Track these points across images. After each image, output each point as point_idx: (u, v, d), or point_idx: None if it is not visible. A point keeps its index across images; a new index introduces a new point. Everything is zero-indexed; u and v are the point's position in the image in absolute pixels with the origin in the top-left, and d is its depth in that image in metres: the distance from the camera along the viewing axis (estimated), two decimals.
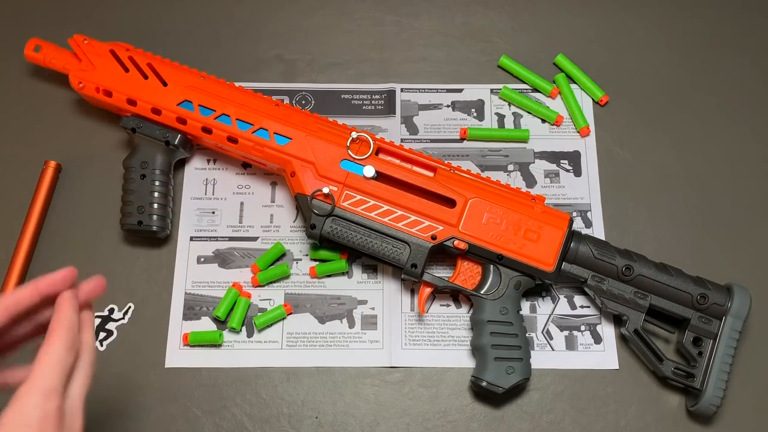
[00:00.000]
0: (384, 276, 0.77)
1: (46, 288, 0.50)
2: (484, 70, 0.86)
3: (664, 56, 0.87)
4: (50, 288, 0.50)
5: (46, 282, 0.50)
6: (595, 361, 0.74)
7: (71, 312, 0.49)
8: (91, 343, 0.51)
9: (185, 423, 0.71)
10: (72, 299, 0.50)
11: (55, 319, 0.48)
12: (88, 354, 0.50)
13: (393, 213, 0.72)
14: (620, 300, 0.72)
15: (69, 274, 0.51)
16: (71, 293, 0.50)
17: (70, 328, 0.48)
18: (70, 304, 0.49)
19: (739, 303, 0.71)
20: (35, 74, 0.85)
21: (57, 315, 0.49)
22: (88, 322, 0.52)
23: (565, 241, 0.72)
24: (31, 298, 0.49)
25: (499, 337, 0.71)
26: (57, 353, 0.47)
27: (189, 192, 0.80)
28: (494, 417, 0.72)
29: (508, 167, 0.82)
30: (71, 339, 0.48)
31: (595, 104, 0.85)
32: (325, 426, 0.72)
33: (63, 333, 0.48)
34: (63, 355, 0.47)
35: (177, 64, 0.77)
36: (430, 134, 0.83)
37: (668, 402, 0.73)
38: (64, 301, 0.50)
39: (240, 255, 0.78)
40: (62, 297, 0.50)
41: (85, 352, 0.50)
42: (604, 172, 0.82)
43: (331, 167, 0.73)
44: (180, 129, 0.76)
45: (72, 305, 0.49)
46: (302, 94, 0.85)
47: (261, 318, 0.74)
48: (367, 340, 0.75)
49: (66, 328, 0.48)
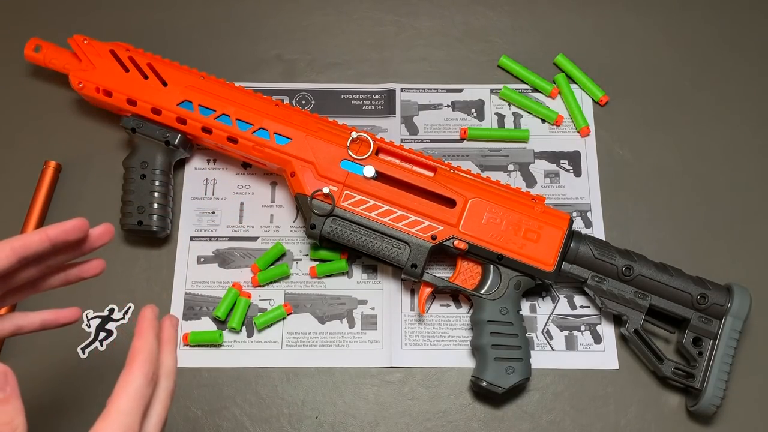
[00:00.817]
0: (384, 276, 0.77)
1: (57, 235, 0.49)
2: (484, 70, 0.86)
3: (664, 56, 0.87)
4: (60, 235, 0.49)
5: (56, 229, 0.49)
6: (595, 361, 0.74)
7: (152, 339, 0.45)
8: (170, 369, 0.46)
9: (185, 423, 0.71)
10: (153, 321, 0.46)
11: (135, 347, 0.44)
12: (167, 382, 0.45)
13: (393, 213, 0.72)
14: (620, 300, 0.72)
15: (79, 224, 0.50)
16: (152, 313, 0.47)
17: (152, 356, 0.44)
18: (151, 325, 0.45)
19: (739, 303, 0.71)
20: (35, 74, 0.85)
21: (137, 342, 0.44)
22: (168, 343, 0.47)
23: (565, 241, 0.72)
24: (41, 243, 0.48)
25: (499, 337, 0.71)
26: (137, 386, 0.42)
27: (189, 192, 0.80)
28: (494, 417, 0.72)
29: (508, 167, 0.82)
30: (152, 369, 0.43)
31: (595, 104, 0.85)
32: (325, 426, 0.72)
33: (143, 363, 0.43)
34: (143, 388, 0.42)
35: (177, 64, 0.77)
36: (430, 134, 0.83)
37: (668, 402, 0.73)
38: (144, 324, 0.45)
39: (240, 255, 0.78)
40: (143, 319, 0.46)
41: (164, 379, 0.45)
42: (604, 172, 0.82)
43: (331, 167, 0.73)
44: (180, 129, 0.76)
45: (152, 330, 0.45)
46: (302, 94, 0.85)
47: (261, 318, 0.74)
48: (367, 340, 0.75)
49: (147, 358, 0.43)
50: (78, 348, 0.74)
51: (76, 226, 0.50)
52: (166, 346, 0.47)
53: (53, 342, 0.74)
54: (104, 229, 0.53)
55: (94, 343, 0.74)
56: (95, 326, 0.74)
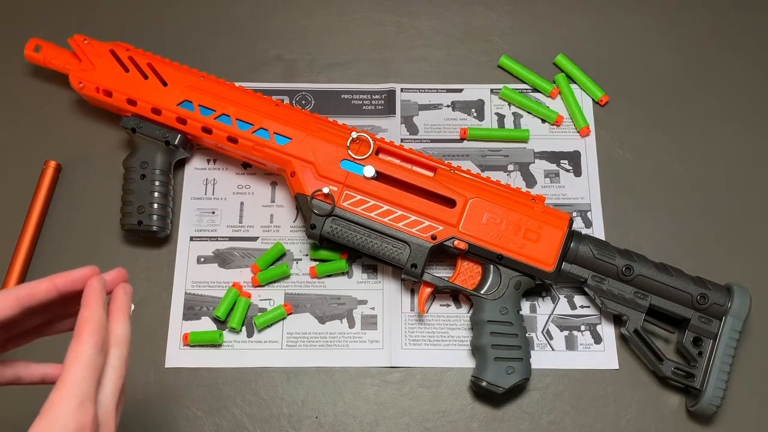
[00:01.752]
0: (384, 276, 0.77)
1: (65, 285, 0.46)
2: (484, 70, 0.86)
3: (664, 56, 0.87)
4: (68, 285, 0.46)
5: (64, 279, 0.46)
6: (595, 361, 0.74)
7: (98, 306, 0.45)
8: (122, 337, 0.45)
9: (185, 423, 0.71)
10: (99, 291, 0.45)
11: (82, 315, 0.44)
12: (119, 349, 0.45)
13: (393, 213, 0.72)
14: (620, 300, 0.72)
15: (89, 272, 0.47)
16: (98, 282, 0.46)
17: (99, 324, 0.44)
18: (97, 296, 0.45)
19: (739, 303, 0.71)
20: (35, 74, 0.85)
21: (83, 311, 0.44)
22: (119, 311, 0.47)
23: (565, 241, 0.72)
24: (47, 293, 0.46)
25: (499, 337, 0.71)
26: (87, 355, 0.42)
27: (189, 192, 0.80)
28: (494, 417, 0.72)
29: (508, 167, 0.82)
30: (100, 337, 0.43)
31: (595, 104, 0.85)
32: (325, 426, 0.72)
33: (92, 333, 0.43)
34: (94, 356, 0.42)
35: (177, 64, 0.77)
36: (430, 134, 0.83)
37: (668, 402, 0.73)
38: (90, 292, 0.45)
39: (240, 255, 0.78)
40: (89, 290, 0.45)
41: (115, 347, 0.45)
42: (604, 172, 0.82)
43: (331, 167, 0.73)
44: (180, 129, 0.76)
45: (99, 298, 0.45)
46: (302, 94, 0.85)
47: (261, 318, 0.74)
48: (367, 340, 0.75)
49: (94, 326, 0.43)
50: None
51: (85, 275, 0.47)
52: (117, 315, 0.46)
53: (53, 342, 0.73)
54: (116, 275, 0.49)
55: None
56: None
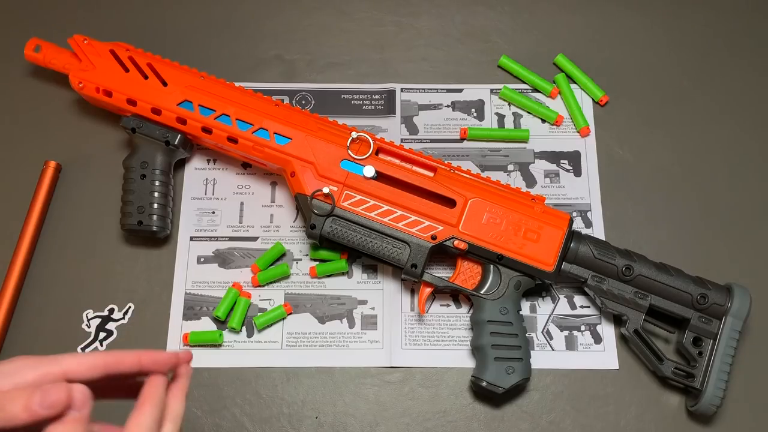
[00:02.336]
0: (384, 276, 0.77)
1: (149, 365, 0.50)
2: (484, 70, 0.86)
3: (664, 56, 0.87)
4: (153, 366, 0.50)
5: (150, 358, 0.50)
6: (595, 361, 0.74)
7: (161, 383, 0.49)
8: (177, 414, 0.50)
9: (185, 423, 0.71)
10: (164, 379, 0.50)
11: (147, 390, 0.48)
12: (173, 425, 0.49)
13: (393, 213, 0.72)
14: (620, 300, 0.72)
15: (175, 359, 0.51)
16: (163, 380, 0.50)
17: (160, 400, 0.48)
18: (161, 383, 0.49)
19: (739, 303, 0.71)
20: (35, 74, 0.85)
21: (148, 387, 0.49)
22: (179, 390, 0.51)
23: (565, 241, 0.72)
24: (131, 366, 0.49)
25: (499, 337, 0.71)
26: (147, 425, 0.47)
27: (189, 192, 0.80)
28: (494, 417, 0.72)
29: (508, 167, 0.82)
30: (159, 412, 0.48)
31: (595, 104, 0.85)
32: (325, 426, 0.72)
33: (152, 405, 0.48)
34: (152, 427, 0.47)
35: (177, 64, 0.77)
36: (430, 134, 0.83)
37: (668, 402, 0.73)
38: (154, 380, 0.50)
39: (240, 255, 0.78)
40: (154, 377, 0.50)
41: (170, 422, 0.49)
42: (604, 172, 0.82)
43: (331, 167, 0.73)
44: (180, 129, 0.76)
45: (163, 381, 0.50)
46: (302, 94, 0.85)
47: (261, 318, 0.74)
48: (367, 340, 0.75)
49: (155, 401, 0.48)
50: (78, 348, 0.74)
51: (169, 360, 0.50)
52: (176, 393, 0.51)
53: (53, 342, 0.74)
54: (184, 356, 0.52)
55: (94, 343, 0.74)
56: (95, 326, 0.75)
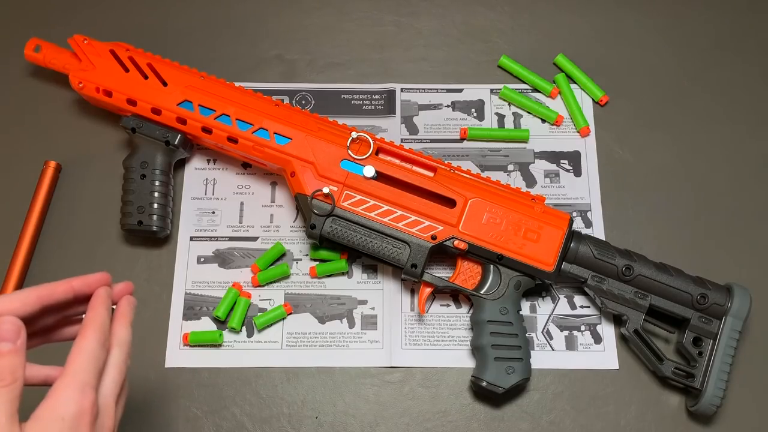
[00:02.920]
0: (384, 276, 0.77)
1: (80, 287, 0.51)
2: (484, 70, 0.86)
3: (664, 56, 0.87)
4: (84, 288, 0.51)
5: (80, 282, 0.51)
6: (595, 361, 0.74)
7: (103, 309, 0.50)
8: (123, 339, 0.51)
9: (185, 423, 0.71)
10: (105, 297, 0.51)
11: (88, 316, 0.49)
12: (120, 350, 0.50)
13: (393, 213, 0.72)
14: (620, 300, 0.72)
15: (102, 278, 0.52)
16: (105, 291, 0.51)
17: (102, 324, 0.49)
18: (102, 301, 0.50)
19: (739, 303, 0.71)
20: (35, 74, 0.85)
21: (90, 312, 0.50)
22: (123, 317, 0.52)
23: (565, 241, 0.72)
24: (65, 293, 0.50)
25: (499, 337, 0.71)
26: (90, 349, 0.47)
27: (189, 192, 0.80)
28: (494, 417, 0.72)
29: (508, 167, 0.82)
30: (103, 336, 0.48)
31: (595, 104, 0.85)
32: (325, 426, 0.72)
33: (95, 329, 0.48)
34: (96, 350, 0.47)
35: (177, 64, 0.77)
36: (430, 134, 0.83)
37: (668, 402, 0.73)
38: (97, 298, 0.51)
39: (240, 255, 0.78)
40: (96, 297, 0.51)
41: (116, 348, 0.50)
42: (604, 172, 0.82)
43: (331, 167, 0.73)
44: (180, 129, 0.76)
45: (104, 303, 0.50)
46: (302, 94, 0.85)
47: (261, 318, 0.74)
48: (367, 340, 0.75)
49: (98, 326, 0.49)
50: None
51: (99, 280, 0.52)
52: (120, 320, 0.52)
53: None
54: (123, 287, 0.54)
55: None
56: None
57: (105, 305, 0.50)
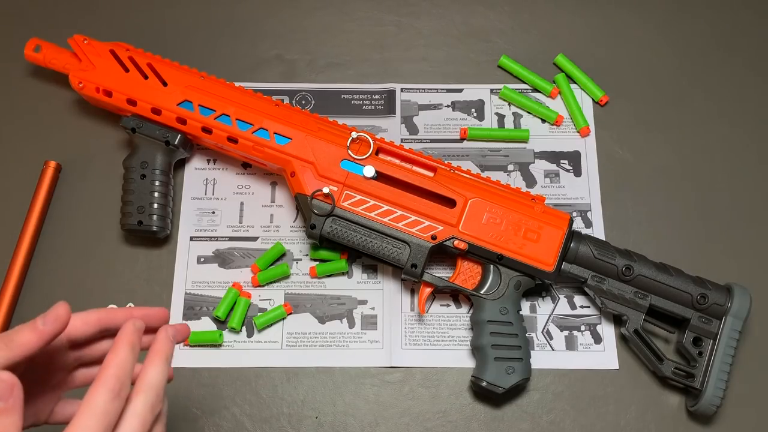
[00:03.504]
0: (384, 276, 0.77)
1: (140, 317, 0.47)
2: (484, 70, 0.86)
3: (664, 56, 0.87)
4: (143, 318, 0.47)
5: (141, 312, 0.48)
6: (595, 361, 0.74)
7: (124, 353, 0.44)
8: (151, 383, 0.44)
9: (185, 423, 0.71)
10: (130, 334, 0.45)
11: (105, 361, 0.43)
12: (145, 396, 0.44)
13: (393, 213, 0.72)
14: (620, 300, 0.72)
15: (161, 313, 0.50)
16: (132, 326, 0.45)
17: (119, 370, 0.43)
18: (127, 341, 0.44)
19: (739, 303, 0.71)
20: (35, 74, 0.85)
21: (108, 356, 0.43)
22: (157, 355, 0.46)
23: (565, 241, 0.72)
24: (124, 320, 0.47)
25: (499, 337, 0.71)
26: (100, 402, 0.41)
27: (189, 192, 0.80)
28: (494, 417, 0.72)
29: (508, 167, 0.82)
30: (118, 385, 0.42)
31: (595, 104, 0.85)
32: (325, 426, 0.72)
33: (108, 378, 0.42)
34: (107, 404, 0.41)
35: (177, 64, 0.77)
36: (430, 134, 0.83)
37: (668, 402, 0.73)
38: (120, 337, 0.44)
39: (240, 255, 0.78)
40: (120, 332, 0.44)
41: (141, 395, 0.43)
42: (604, 172, 0.82)
43: (331, 167, 0.73)
44: (180, 129, 0.76)
45: (127, 344, 0.44)
46: (302, 94, 0.85)
47: (261, 318, 0.74)
48: (367, 340, 0.75)
49: (112, 373, 0.42)
50: None
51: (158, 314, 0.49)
52: (152, 359, 0.45)
53: None
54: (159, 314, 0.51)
55: None
56: None
57: (128, 345, 0.44)
